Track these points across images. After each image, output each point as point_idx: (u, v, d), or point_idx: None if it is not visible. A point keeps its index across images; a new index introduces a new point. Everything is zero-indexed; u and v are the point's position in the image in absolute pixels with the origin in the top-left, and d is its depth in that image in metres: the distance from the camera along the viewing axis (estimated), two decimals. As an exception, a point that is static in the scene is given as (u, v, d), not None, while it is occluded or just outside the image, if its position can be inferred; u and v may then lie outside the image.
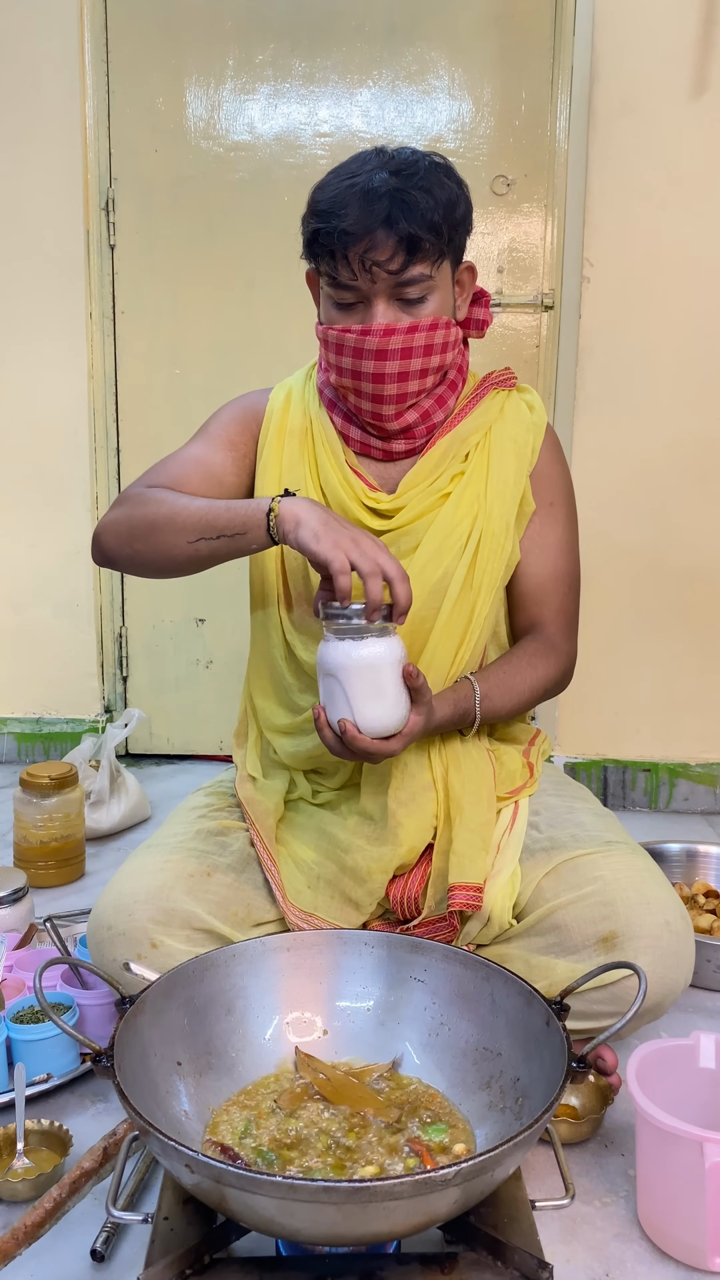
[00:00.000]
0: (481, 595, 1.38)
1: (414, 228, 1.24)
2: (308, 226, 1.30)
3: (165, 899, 1.25)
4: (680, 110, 2.22)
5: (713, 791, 2.46)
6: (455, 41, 2.39)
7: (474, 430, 1.40)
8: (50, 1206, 1.10)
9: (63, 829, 1.99)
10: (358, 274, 1.27)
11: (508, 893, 1.29)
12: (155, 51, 2.46)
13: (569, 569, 1.48)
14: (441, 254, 1.29)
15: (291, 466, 1.42)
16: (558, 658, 1.44)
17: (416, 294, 1.29)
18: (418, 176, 1.26)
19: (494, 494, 1.39)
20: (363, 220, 1.24)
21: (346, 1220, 0.84)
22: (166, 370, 2.57)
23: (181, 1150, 0.84)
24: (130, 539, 1.32)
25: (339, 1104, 1.07)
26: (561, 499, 1.47)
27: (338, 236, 1.25)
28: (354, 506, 1.38)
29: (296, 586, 1.41)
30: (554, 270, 2.42)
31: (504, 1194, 0.99)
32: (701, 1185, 1.03)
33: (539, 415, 1.46)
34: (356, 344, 1.30)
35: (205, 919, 1.25)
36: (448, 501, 1.38)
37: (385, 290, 1.28)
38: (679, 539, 2.38)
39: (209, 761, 2.71)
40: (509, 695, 1.38)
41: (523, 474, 1.42)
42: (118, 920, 1.24)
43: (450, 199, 1.28)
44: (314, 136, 2.46)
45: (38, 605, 2.64)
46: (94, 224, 2.50)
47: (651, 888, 1.24)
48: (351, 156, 1.33)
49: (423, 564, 1.35)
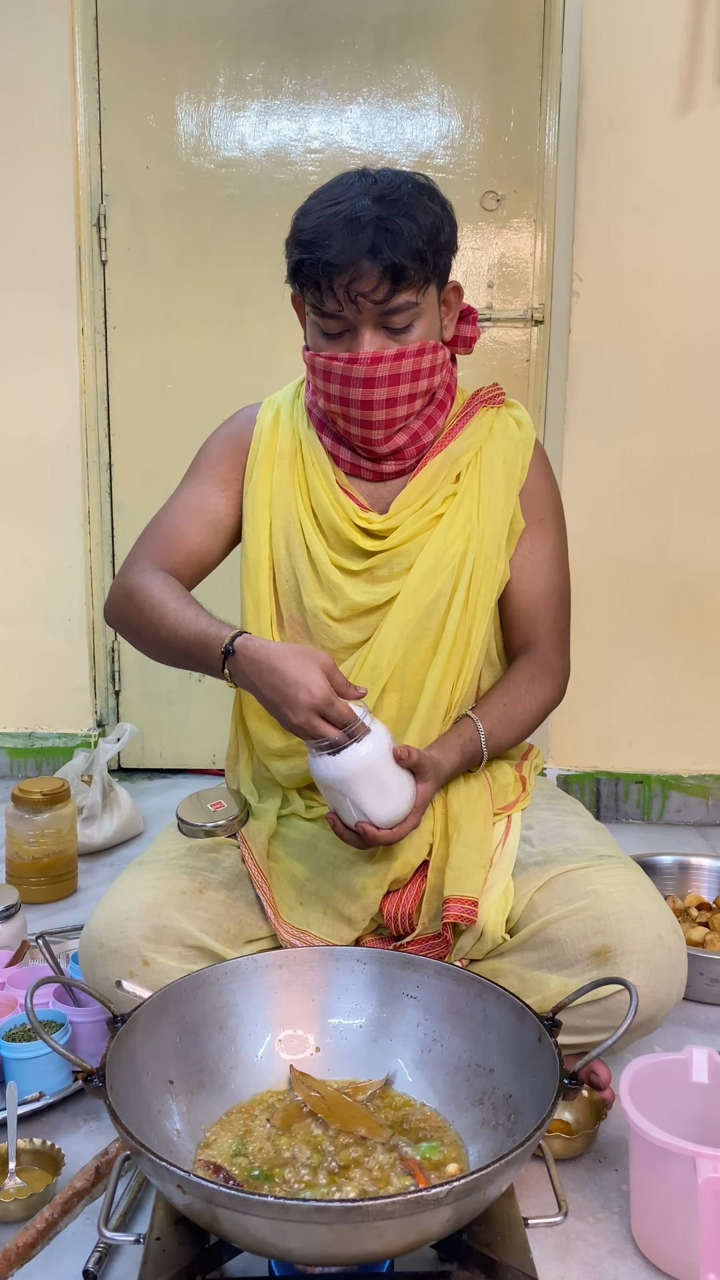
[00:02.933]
0: (476, 616, 1.38)
1: (398, 257, 1.23)
2: (291, 255, 1.30)
3: (157, 916, 1.25)
4: (667, 126, 2.24)
5: (705, 803, 2.47)
6: (445, 58, 2.41)
7: (464, 450, 1.40)
8: (42, 1227, 1.10)
9: (55, 845, 1.98)
10: (343, 304, 1.27)
11: (501, 907, 1.29)
12: (146, 68, 2.47)
13: (560, 585, 1.48)
14: (427, 280, 1.29)
15: (281, 489, 1.42)
16: (554, 677, 1.45)
17: (403, 322, 1.29)
18: (401, 202, 1.25)
19: (485, 514, 1.39)
20: (346, 251, 1.23)
21: (339, 1240, 0.83)
22: (158, 385, 2.58)
23: (173, 1171, 0.84)
24: (124, 633, 1.39)
25: (332, 1122, 1.07)
26: (551, 515, 1.48)
27: (322, 268, 1.24)
28: (346, 528, 1.38)
29: (289, 609, 1.41)
30: (544, 285, 2.44)
31: (497, 1212, 0.99)
32: (694, 1201, 1.03)
33: (527, 431, 1.46)
34: (344, 372, 1.29)
35: (197, 936, 1.25)
36: (440, 523, 1.38)
37: (371, 319, 1.28)
38: (669, 551, 2.39)
39: (202, 775, 2.71)
40: (511, 727, 1.39)
41: (513, 492, 1.43)
42: (109, 937, 1.24)
43: (434, 224, 1.27)
44: (304, 153, 2.47)
45: (30, 620, 2.63)
46: (85, 240, 2.51)
47: (644, 902, 1.24)
48: (333, 179, 1.32)
49: (415, 586, 1.36)
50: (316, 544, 1.39)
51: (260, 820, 1.41)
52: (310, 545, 1.39)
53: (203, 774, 2.71)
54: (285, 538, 1.41)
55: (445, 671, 1.37)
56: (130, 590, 1.35)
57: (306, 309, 1.34)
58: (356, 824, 1.21)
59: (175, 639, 1.29)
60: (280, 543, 1.41)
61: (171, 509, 1.46)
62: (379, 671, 1.36)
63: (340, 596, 1.38)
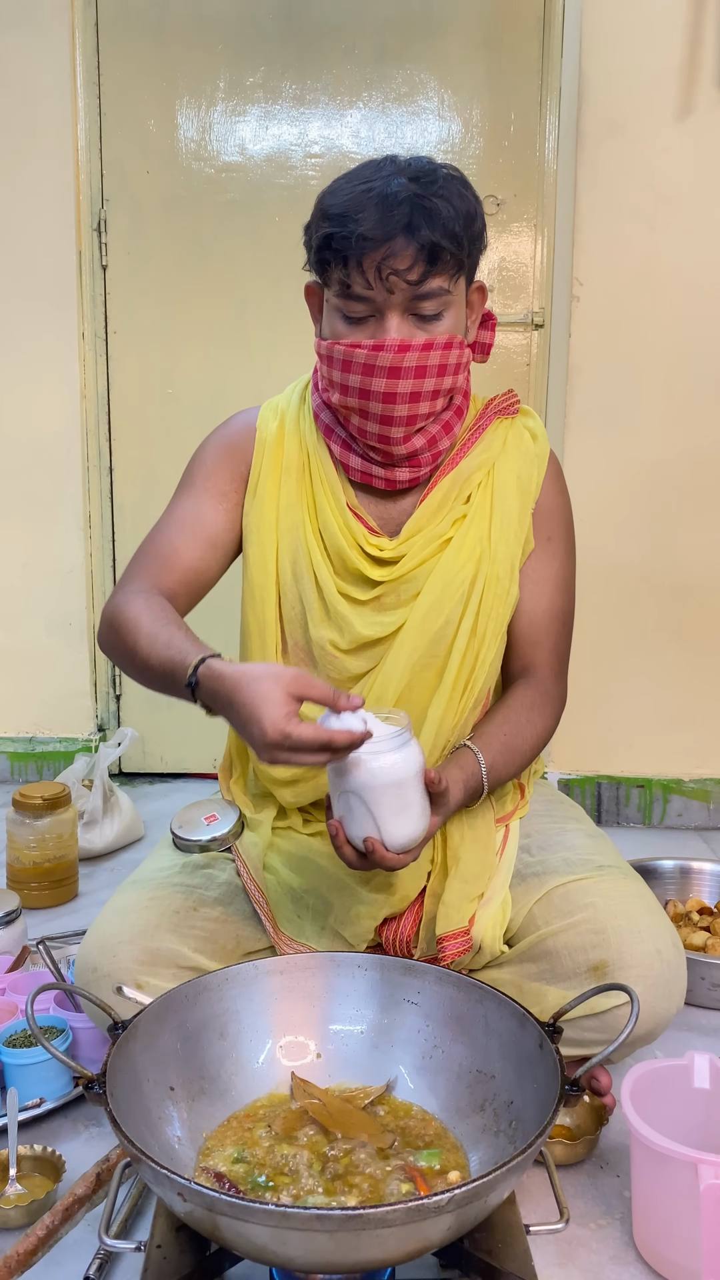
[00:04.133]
0: (486, 643, 1.33)
1: (436, 235, 1.16)
2: (318, 231, 1.21)
3: (150, 939, 1.23)
4: (667, 132, 2.24)
5: (706, 807, 2.46)
6: (445, 64, 2.41)
7: (476, 469, 1.34)
8: (43, 1234, 1.09)
9: (56, 850, 1.98)
10: (373, 284, 1.18)
11: (499, 920, 1.28)
12: (146, 73, 2.47)
13: (563, 607, 1.41)
14: (460, 267, 1.21)
15: (290, 508, 1.35)
16: (553, 706, 1.37)
17: (433, 309, 1.21)
18: (437, 184, 1.18)
19: (498, 536, 1.33)
20: (382, 225, 1.15)
21: (340, 1248, 0.83)
22: (159, 390, 2.58)
23: (174, 1178, 0.84)
24: (114, 661, 1.29)
25: (334, 1129, 1.06)
26: (560, 534, 1.41)
27: (355, 242, 1.16)
28: (354, 555, 1.32)
29: (294, 636, 1.36)
30: (544, 289, 2.44)
31: (498, 1219, 0.98)
32: (696, 1207, 1.03)
33: (542, 445, 1.39)
34: (368, 360, 1.21)
35: (191, 957, 1.23)
36: (449, 547, 1.32)
37: (401, 303, 1.20)
38: (670, 555, 2.39)
39: (203, 780, 2.71)
40: (513, 759, 1.30)
41: (526, 511, 1.36)
42: (102, 961, 1.22)
43: (470, 211, 1.21)
44: (305, 157, 2.47)
45: (30, 624, 2.63)
46: (86, 245, 2.51)
47: (642, 915, 1.22)
48: (362, 164, 1.24)
49: (424, 614, 1.30)
50: (324, 571, 1.33)
51: (255, 832, 1.38)
52: (317, 573, 1.33)
53: (204, 778, 2.71)
54: (293, 562, 1.34)
55: (450, 699, 1.32)
56: (113, 615, 1.26)
57: (328, 292, 1.25)
58: (365, 840, 1.10)
59: (149, 667, 1.18)
60: (287, 567, 1.35)
61: (166, 524, 1.37)
62: (384, 701, 1.31)
63: (347, 629, 1.32)
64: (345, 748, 1.02)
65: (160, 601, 1.26)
